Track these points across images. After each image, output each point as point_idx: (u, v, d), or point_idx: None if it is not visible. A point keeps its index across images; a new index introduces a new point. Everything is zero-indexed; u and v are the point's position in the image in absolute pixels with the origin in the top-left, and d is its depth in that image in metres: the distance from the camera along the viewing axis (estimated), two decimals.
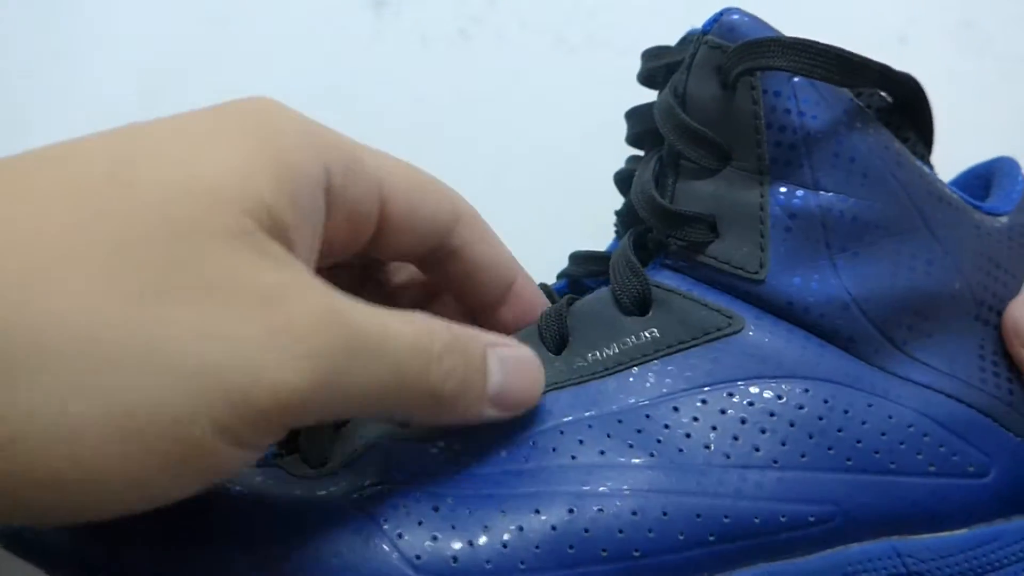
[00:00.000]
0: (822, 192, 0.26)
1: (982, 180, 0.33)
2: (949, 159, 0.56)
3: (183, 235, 0.19)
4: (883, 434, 0.25)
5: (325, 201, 0.23)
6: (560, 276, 0.34)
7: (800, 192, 0.26)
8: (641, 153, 0.32)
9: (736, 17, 0.27)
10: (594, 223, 0.36)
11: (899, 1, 0.55)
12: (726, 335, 0.26)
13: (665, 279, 0.27)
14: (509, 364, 0.24)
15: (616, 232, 0.34)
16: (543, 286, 0.32)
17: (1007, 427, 0.26)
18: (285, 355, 0.19)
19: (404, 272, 0.32)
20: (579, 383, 0.26)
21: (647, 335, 0.26)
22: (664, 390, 0.25)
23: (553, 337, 0.27)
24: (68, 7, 0.55)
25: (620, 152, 0.34)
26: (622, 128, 0.34)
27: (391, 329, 0.21)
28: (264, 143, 0.21)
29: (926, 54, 0.55)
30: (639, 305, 0.27)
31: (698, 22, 0.29)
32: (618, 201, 0.34)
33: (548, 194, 0.54)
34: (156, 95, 0.54)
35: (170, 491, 0.20)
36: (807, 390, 0.25)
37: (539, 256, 0.34)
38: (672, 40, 0.31)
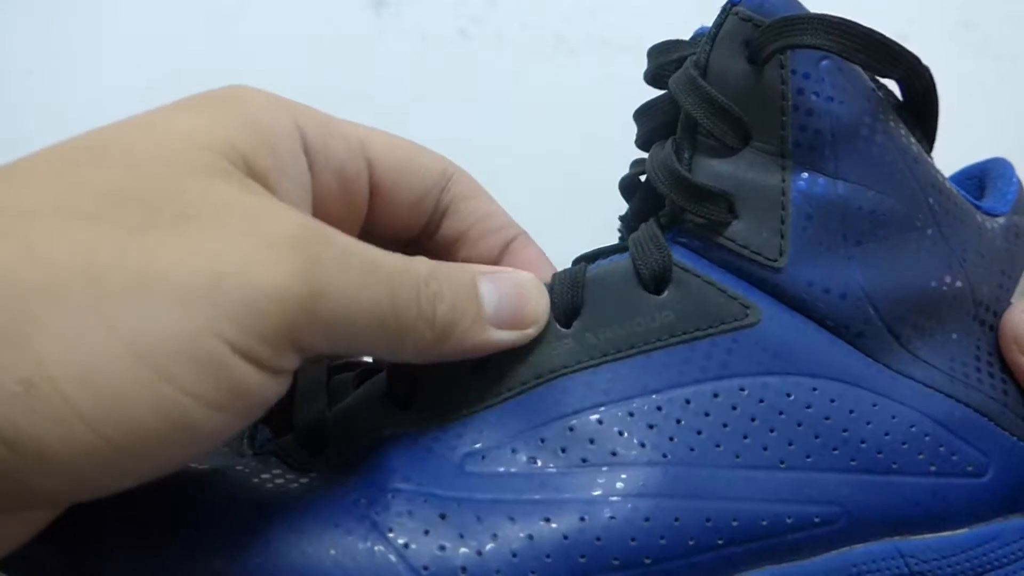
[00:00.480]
0: (842, 182, 0.25)
1: (975, 181, 0.33)
2: (949, 159, 0.56)
3: (164, 175, 0.20)
4: (886, 434, 0.25)
5: (307, 160, 0.24)
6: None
7: (822, 180, 0.25)
8: (646, 155, 0.31)
9: None
10: (594, 223, 0.36)
11: (899, 1, 0.55)
12: (743, 326, 0.25)
13: (680, 257, 0.26)
14: (504, 284, 0.24)
15: (620, 237, 0.34)
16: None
17: (1002, 427, 0.26)
18: (280, 264, 0.19)
19: None
20: (592, 366, 0.25)
21: (663, 318, 0.25)
22: (677, 380, 0.25)
23: (565, 306, 0.26)
24: (68, 7, 0.55)
25: (620, 152, 0.34)
26: (622, 128, 0.33)
27: (377, 253, 0.21)
28: (234, 106, 0.23)
29: (926, 54, 0.55)
30: (657, 281, 0.26)
31: (699, 22, 0.29)
32: (618, 200, 0.34)
33: (548, 194, 0.54)
34: (156, 95, 0.54)
35: (200, 422, 0.19)
36: (815, 388, 0.25)
37: None
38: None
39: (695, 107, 0.26)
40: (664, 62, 0.29)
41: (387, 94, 0.55)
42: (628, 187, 0.32)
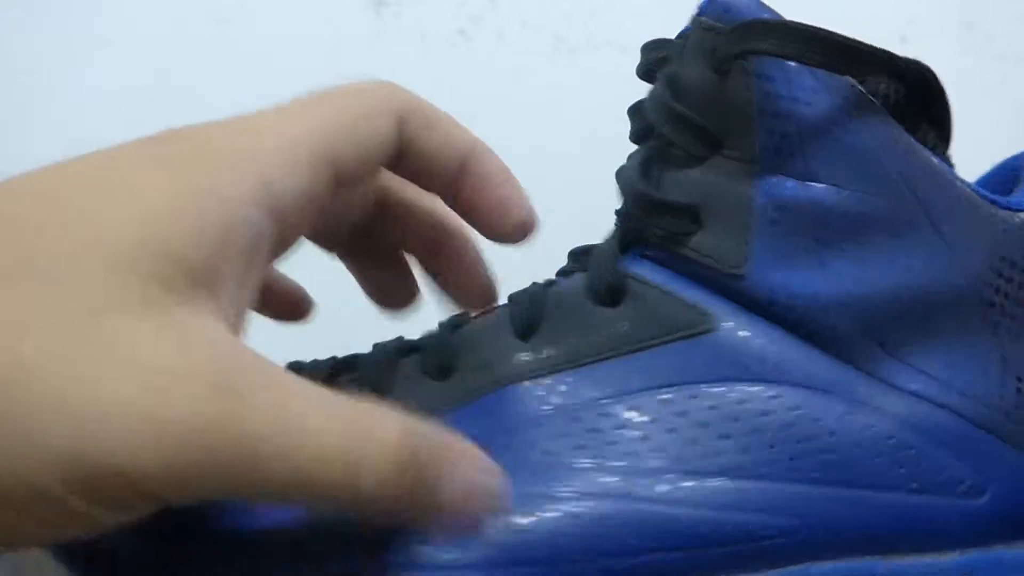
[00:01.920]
0: (814, 184, 0.24)
1: (1010, 174, 0.31)
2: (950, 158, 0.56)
3: (84, 311, 0.18)
4: (857, 445, 0.23)
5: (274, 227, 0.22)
6: (559, 274, 0.33)
7: (790, 183, 0.25)
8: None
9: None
10: (594, 222, 0.36)
11: (899, 1, 0.55)
12: (697, 333, 0.24)
13: (643, 270, 0.26)
14: (470, 490, 0.21)
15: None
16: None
17: (1009, 442, 0.24)
18: (148, 444, 0.17)
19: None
20: (543, 375, 0.25)
21: (617, 329, 0.25)
22: (625, 388, 0.24)
23: (524, 320, 0.26)
24: (68, 7, 0.55)
25: (620, 152, 0.34)
26: (622, 128, 0.33)
27: (309, 426, 0.19)
28: (187, 178, 0.20)
29: (926, 54, 0.55)
30: (611, 295, 0.26)
31: None
32: (615, 199, 0.34)
33: (548, 194, 0.54)
34: (156, 95, 0.54)
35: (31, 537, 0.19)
36: (776, 396, 0.24)
37: (538, 256, 0.34)
38: None
39: (661, 120, 0.26)
40: (653, 59, 0.29)
41: None
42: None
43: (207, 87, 0.55)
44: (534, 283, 0.29)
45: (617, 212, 0.33)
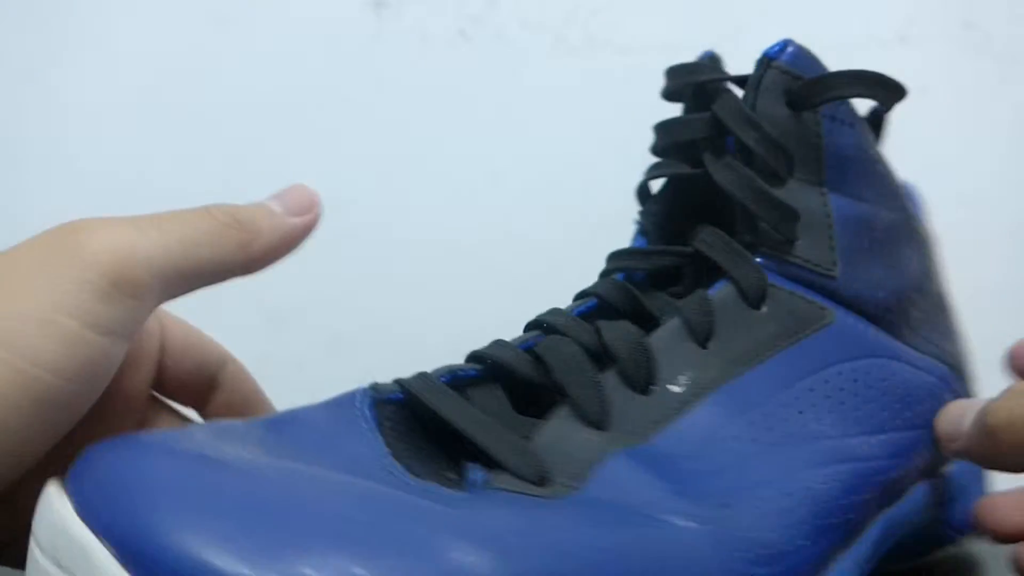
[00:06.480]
0: (863, 203, 0.31)
1: None
2: (949, 159, 0.56)
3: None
4: (921, 396, 0.31)
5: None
6: (605, 274, 0.33)
7: (849, 202, 0.31)
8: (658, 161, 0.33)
9: (795, 48, 0.31)
10: (593, 222, 0.36)
11: (899, 1, 0.55)
12: (824, 326, 0.30)
13: (768, 274, 0.30)
14: (282, 195, 0.29)
15: (642, 231, 0.34)
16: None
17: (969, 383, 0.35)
18: (101, 230, 0.24)
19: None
20: (731, 378, 0.28)
21: (768, 329, 0.29)
22: (784, 380, 0.28)
23: (703, 329, 0.29)
24: (68, 7, 0.55)
25: (619, 152, 0.34)
26: (621, 128, 0.34)
27: (168, 212, 0.26)
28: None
29: (926, 54, 0.55)
30: (758, 299, 0.30)
31: (697, 22, 0.29)
32: (616, 198, 0.34)
33: (547, 194, 0.54)
34: (156, 95, 0.54)
35: (54, 387, 0.22)
36: (882, 366, 0.30)
37: (538, 256, 0.34)
38: (672, 40, 0.31)
39: (756, 142, 0.30)
40: (682, 84, 0.33)
41: (387, 94, 0.55)
42: (644, 193, 0.34)
43: (207, 87, 0.55)
44: (677, 291, 0.31)
45: (647, 213, 0.33)
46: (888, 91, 0.32)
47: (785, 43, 0.31)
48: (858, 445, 0.29)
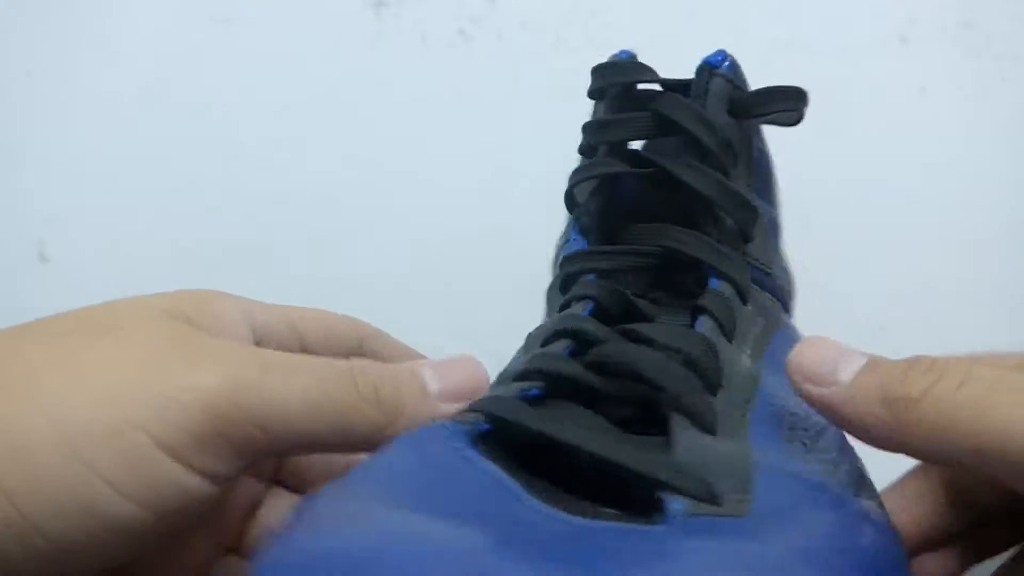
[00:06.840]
0: (770, 205, 0.34)
1: None
2: (949, 159, 0.56)
3: (102, 312, 0.23)
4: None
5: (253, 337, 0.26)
6: (572, 276, 0.33)
7: (764, 203, 0.33)
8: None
9: (731, 60, 0.32)
10: None
11: (899, 1, 0.55)
12: (785, 322, 0.31)
13: None
14: (442, 368, 0.25)
15: (582, 231, 0.34)
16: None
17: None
18: (200, 365, 0.21)
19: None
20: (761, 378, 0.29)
21: (759, 324, 0.30)
22: (773, 373, 0.28)
23: (730, 326, 0.29)
24: (68, 7, 0.55)
25: None
26: None
27: (301, 356, 0.23)
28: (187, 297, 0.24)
29: (926, 54, 0.55)
30: (747, 296, 0.30)
31: (696, 23, 0.29)
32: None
33: (547, 194, 0.54)
34: (156, 95, 0.54)
35: (117, 513, 0.20)
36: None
37: (537, 256, 0.34)
38: (672, 40, 0.31)
39: (711, 142, 0.30)
40: (616, 82, 0.33)
41: (387, 94, 0.55)
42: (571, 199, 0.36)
43: (207, 87, 0.55)
44: (710, 291, 0.30)
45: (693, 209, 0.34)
46: (804, 104, 0.32)
47: (723, 54, 0.32)
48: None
